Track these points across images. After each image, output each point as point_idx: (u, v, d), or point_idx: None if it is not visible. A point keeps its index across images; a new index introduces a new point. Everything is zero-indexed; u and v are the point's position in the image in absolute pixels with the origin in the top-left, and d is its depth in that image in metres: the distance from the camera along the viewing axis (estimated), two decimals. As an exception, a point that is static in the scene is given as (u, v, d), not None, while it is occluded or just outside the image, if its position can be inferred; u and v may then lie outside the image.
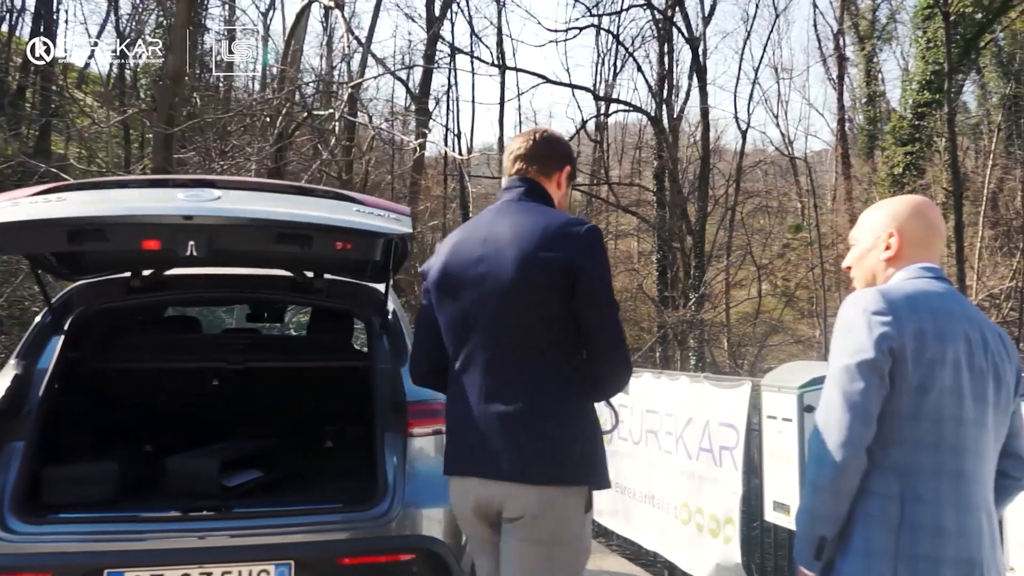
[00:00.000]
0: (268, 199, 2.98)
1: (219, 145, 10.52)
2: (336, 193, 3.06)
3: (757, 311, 25.32)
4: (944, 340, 1.79)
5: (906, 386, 1.77)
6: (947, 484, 1.77)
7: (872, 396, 1.76)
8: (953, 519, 1.76)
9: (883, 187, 22.57)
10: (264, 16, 17.69)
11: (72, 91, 20.47)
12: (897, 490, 1.77)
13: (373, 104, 20.16)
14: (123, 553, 2.79)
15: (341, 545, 2.92)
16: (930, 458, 1.78)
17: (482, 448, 2.22)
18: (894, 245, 1.98)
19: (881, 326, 1.78)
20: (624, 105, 24.10)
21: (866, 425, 1.76)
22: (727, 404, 4.31)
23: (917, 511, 1.76)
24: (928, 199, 2.11)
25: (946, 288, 1.90)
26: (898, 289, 1.86)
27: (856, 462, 1.77)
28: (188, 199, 2.67)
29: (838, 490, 1.78)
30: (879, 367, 1.76)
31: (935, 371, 1.78)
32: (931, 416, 1.78)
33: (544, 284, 2.16)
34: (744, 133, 25.98)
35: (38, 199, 2.66)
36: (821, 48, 30.61)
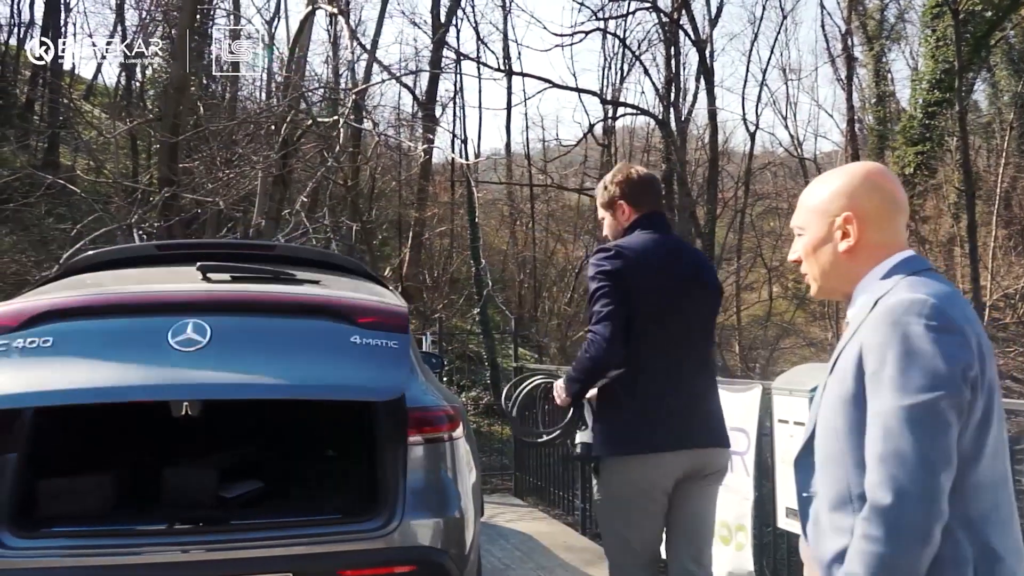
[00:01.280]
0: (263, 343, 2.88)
1: (224, 154, 10.49)
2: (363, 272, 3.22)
3: (768, 314, 25.17)
4: (987, 357, 1.44)
5: (973, 419, 1.41)
6: (1012, 527, 1.46)
7: (953, 440, 1.38)
8: (1021, 569, 1.45)
9: (894, 187, 22.40)
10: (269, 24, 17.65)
11: (79, 103, 20.56)
12: (970, 552, 1.40)
13: (380, 111, 20.20)
14: (118, 568, 2.73)
15: (341, 557, 2.84)
16: (993, 502, 1.43)
17: (695, 422, 2.90)
18: (853, 232, 1.59)
19: (956, 347, 1.39)
20: (631, 108, 24.01)
21: (948, 479, 1.37)
22: (738, 408, 4.22)
23: (996, 570, 1.41)
24: (879, 164, 1.77)
25: (952, 287, 1.54)
26: (937, 292, 1.45)
27: (940, 525, 1.36)
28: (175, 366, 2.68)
29: (919, 570, 1.36)
30: (962, 402, 1.38)
31: (993, 395, 1.44)
32: (991, 451, 1.43)
33: (717, 302, 3.19)
34: (753, 135, 25.88)
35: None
36: (829, 49, 30.39)
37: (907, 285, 1.50)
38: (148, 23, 16.58)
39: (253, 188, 10.45)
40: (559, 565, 5.44)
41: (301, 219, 10.65)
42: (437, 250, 21.81)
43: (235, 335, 2.81)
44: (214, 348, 2.72)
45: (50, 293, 3.04)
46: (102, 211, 11.10)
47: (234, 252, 3.51)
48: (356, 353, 2.83)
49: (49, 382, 2.65)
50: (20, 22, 22.65)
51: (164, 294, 2.89)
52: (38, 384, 2.66)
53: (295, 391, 2.81)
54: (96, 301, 2.87)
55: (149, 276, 3.27)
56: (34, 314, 2.77)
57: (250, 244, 3.70)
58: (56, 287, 3.19)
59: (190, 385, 2.71)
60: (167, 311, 2.79)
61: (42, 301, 2.86)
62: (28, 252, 14.54)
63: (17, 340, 2.71)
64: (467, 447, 3.33)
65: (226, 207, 10.39)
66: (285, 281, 3.13)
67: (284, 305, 2.93)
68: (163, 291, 2.90)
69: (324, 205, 12.78)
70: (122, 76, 21.26)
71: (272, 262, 3.49)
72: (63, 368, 2.69)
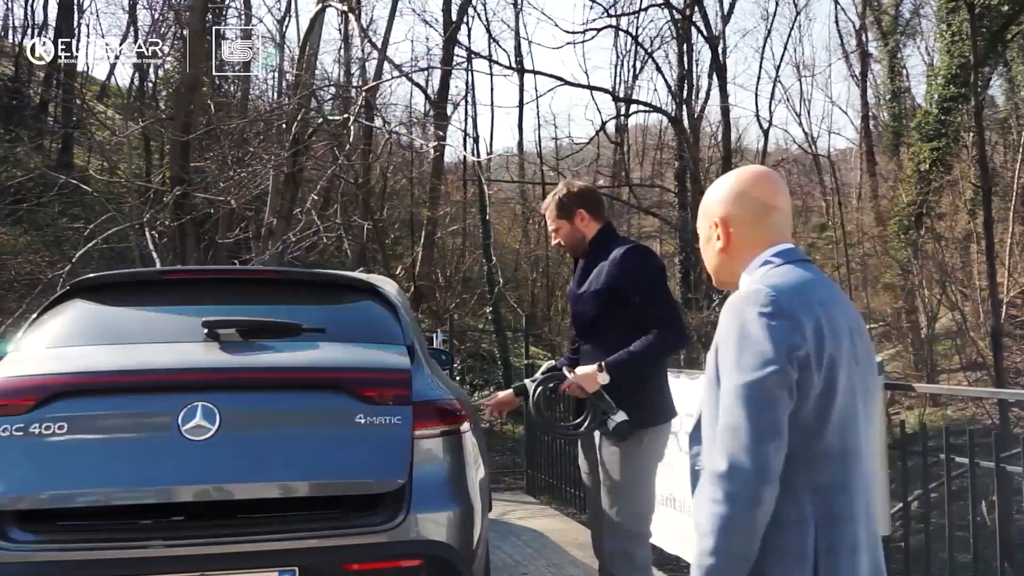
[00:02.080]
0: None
1: (236, 153, 10.50)
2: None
3: (782, 312, 25.01)
4: (837, 335, 1.60)
5: (812, 393, 1.56)
6: (858, 494, 1.61)
7: (784, 414, 1.54)
8: (865, 533, 1.61)
9: (909, 184, 22.22)
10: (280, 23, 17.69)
11: (93, 104, 20.67)
12: (810, 513, 1.56)
13: (391, 110, 20.20)
14: (124, 561, 2.71)
15: (346, 551, 2.82)
16: (839, 469, 1.59)
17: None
18: (724, 235, 1.78)
19: (783, 331, 1.55)
20: (644, 106, 23.94)
21: (778, 450, 1.53)
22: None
23: (834, 533, 1.57)
24: (760, 166, 1.89)
25: (817, 273, 1.71)
26: (784, 283, 1.63)
27: (764, 495, 1.52)
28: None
29: (755, 528, 1.52)
30: (787, 380, 1.54)
31: (837, 372, 1.58)
32: (836, 423, 1.58)
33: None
34: (766, 132, 25.78)
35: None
36: (843, 45, 30.27)
37: (759, 277, 1.69)
38: (160, 23, 16.64)
39: (265, 187, 10.46)
40: (570, 562, 5.40)
41: (312, 218, 10.65)
42: (449, 249, 21.81)
43: (243, 420, 2.84)
44: (223, 437, 2.76)
45: (60, 348, 3.00)
46: (115, 211, 11.14)
47: (237, 278, 3.45)
48: (360, 437, 2.88)
49: (68, 481, 2.72)
50: (34, 24, 22.83)
51: (175, 373, 2.85)
52: (57, 485, 2.72)
53: (302, 487, 2.87)
54: (109, 379, 2.84)
55: (154, 327, 3.16)
56: (50, 394, 2.75)
57: (253, 270, 3.65)
58: (63, 333, 3.11)
59: (199, 487, 2.77)
60: (177, 390, 2.80)
61: (57, 377, 2.81)
62: (42, 252, 14.65)
63: (34, 425, 2.70)
64: (474, 441, 3.29)
65: (238, 206, 10.40)
66: (291, 332, 3.08)
67: (291, 381, 2.95)
68: (173, 368, 2.87)
69: (336, 203, 12.79)
70: (135, 77, 21.38)
71: (277, 289, 3.44)
72: (79, 466, 2.73)
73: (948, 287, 19.43)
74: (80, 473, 2.73)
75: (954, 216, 22.03)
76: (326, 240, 11.49)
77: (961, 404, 18.40)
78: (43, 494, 2.71)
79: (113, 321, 3.20)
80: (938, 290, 19.52)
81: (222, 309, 3.20)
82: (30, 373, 2.84)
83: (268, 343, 3.06)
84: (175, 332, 3.08)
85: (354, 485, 2.88)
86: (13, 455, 2.70)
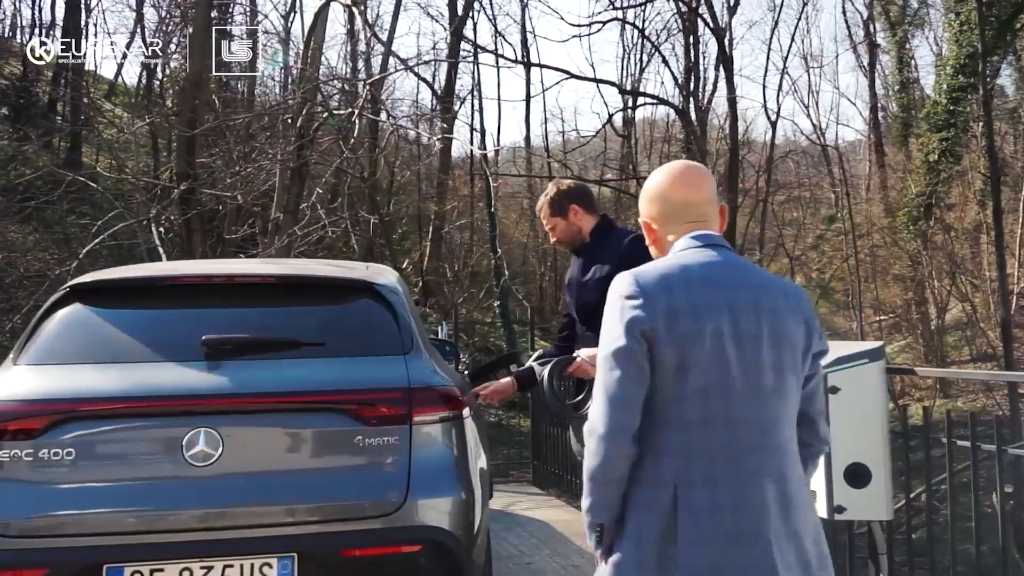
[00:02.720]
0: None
1: (241, 148, 10.53)
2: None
3: (791, 304, 24.92)
4: (700, 313, 1.74)
5: (666, 366, 1.73)
6: (721, 460, 1.73)
7: (630, 384, 1.73)
8: (729, 495, 1.72)
9: (918, 175, 22.13)
10: (285, 19, 17.78)
11: (101, 103, 20.75)
12: (670, 475, 1.73)
13: (397, 105, 20.20)
14: (123, 547, 2.73)
15: (345, 537, 2.83)
16: (700, 436, 1.74)
17: None
18: (648, 235, 2.01)
19: (632, 310, 1.75)
20: (650, 98, 23.89)
21: (627, 414, 1.73)
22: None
23: (690, 491, 1.71)
24: (675, 164, 2.04)
25: (716, 255, 1.84)
26: (653, 268, 1.83)
27: (619, 451, 1.74)
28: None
29: (607, 480, 1.77)
30: (633, 353, 1.73)
31: (693, 346, 1.73)
32: (697, 393, 1.73)
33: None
34: (774, 124, 25.66)
35: None
36: (851, 35, 30.16)
37: (663, 257, 1.91)
38: (167, 21, 16.69)
39: (272, 183, 10.49)
40: (575, 552, 5.41)
41: (318, 213, 10.66)
42: (457, 244, 21.83)
43: (245, 445, 2.88)
44: (225, 462, 2.81)
45: (65, 366, 2.99)
46: (123, 208, 11.19)
47: (235, 282, 3.41)
48: (361, 459, 2.91)
49: (74, 507, 2.76)
50: (41, 23, 22.92)
51: (179, 399, 2.87)
52: (64, 510, 2.76)
53: (303, 511, 2.89)
54: (116, 405, 2.86)
55: (154, 339, 3.11)
56: (60, 418, 2.78)
57: (248, 274, 3.59)
58: (67, 347, 3.07)
59: (203, 512, 2.80)
60: (182, 415, 2.85)
61: (67, 403, 2.83)
62: (51, 250, 14.72)
63: (43, 450, 2.75)
64: (474, 429, 3.30)
65: (245, 202, 10.43)
66: (288, 348, 3.07)
67: (291, 405, 2.97)
68: (177, 394, 2.88)
69: (343, 197, 12.79)
70: (143, 75, 21.46)
71: (274, 291, 3.39)
72: (85, 491, 2.77)
73: (958, 278, 19.37)
74: (86, 499, 2.76)
75: (963, 207, 21.94)
76: (333, 235, 11.49)
77: (972, 395, 18.35)
78: (50, 519, 2.75)
79: (113, 332, 3.14)
80: (948, 281, 19.46)
81: (220, 314, 3.19)
82: (39, 396, 2.85)
83: (267, 362, 3.03)
84: (175, 346, 3.04)
85: (353, 507, 2.89)
86: (22, 479, 2.75)
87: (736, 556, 1.69)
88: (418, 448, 2.94)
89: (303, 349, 3.07)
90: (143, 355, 3.01)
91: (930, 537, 4.08)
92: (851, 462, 3.39)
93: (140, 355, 3.01)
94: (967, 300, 19.42)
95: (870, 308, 24.06)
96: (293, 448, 2.96)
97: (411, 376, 2.99)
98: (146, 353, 3.02)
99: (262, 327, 3.15)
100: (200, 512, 2.79)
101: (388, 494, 2.89)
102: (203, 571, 2.73)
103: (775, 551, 1.70)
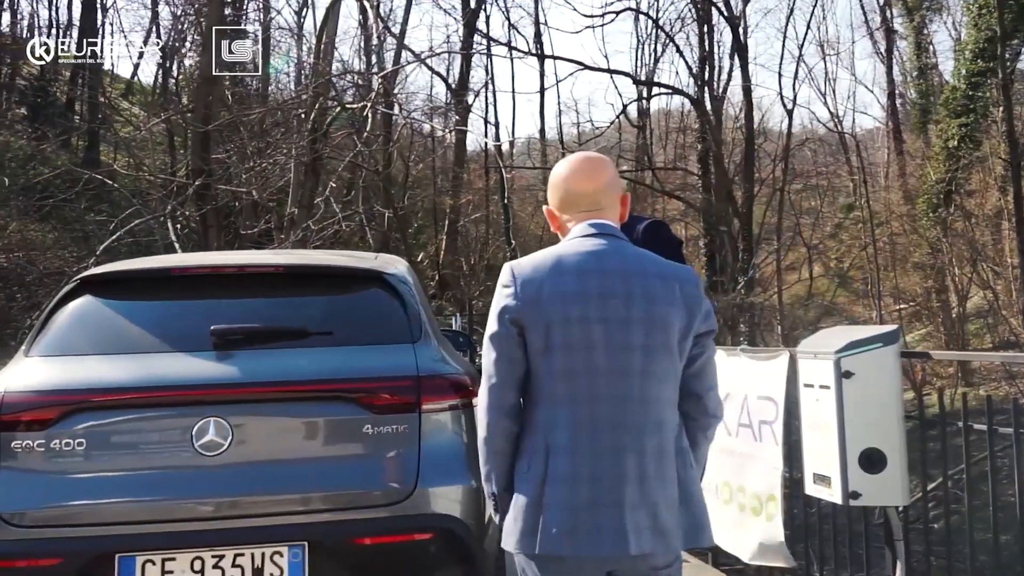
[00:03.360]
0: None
1: (256, 144, 10.57)
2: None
3: (809, 293, 24.79)
4: (567, 299, 1.89)
5: (535, 348, 1.90)
6: (584, 434, 1.88)
7: (503, 365, 1.92)
8: (588, 465, 1.87)
9: (938, 161, 21.88)
10: (298, 15, 17.81)
11: (118, 102, 20.89)
12: (542, 446, 1.89)
13: (411, 99, 20.20)
14: (134, 537, 2.74)
15: (355, 525, 2.83)
16: (566, 412, 1.89)
17: None
18: (551, 222, 2.15)
19: (504, 298, 1.93)
20: (665, 88, 23.78)
21: (501, 392, 1.93)
22: (765, 377, 4.13)
23: (556, 463, 1.87)
24: (575, 156, 2.16)
25: (602, 244, 1.97)
26: (529, 259, 1.99)
27: (498, 426, 1.93)
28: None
29: (491, 451, 1.96)
30: (502, 337, 1.92)
31: (559, 331, 1.88)
32: (562, 373, 1.89)
33: None
34: (790, 112, 25.46)
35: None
36: (868, 22, 29.82)
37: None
38: (181, 19, 16.78)
39: (287, 179, 10.52)
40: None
41: (333, 208, 10.69)
42: (473, 237, 21.83)
43: (254, 434, 2.89)
44: (235, 451, 2.82)
45: (76, 357, 3.00)
46: (140, 205, 11.27)
47: (244, 272, 3.40)
48: (370, 447, 2.91)
49: (85, 497, 2.78)
50: (59, 23, 23.10)
51: (189, 388, 2.87)
52: (75, 500, 2.78)
53: (313, 499, 2.89)
54: (126, 395, 2.88)
55: (163, 329, 3.13)
56: (71, 409, 2.80)
57: (257, 264, 3.57)
58: (78, 338, 3.09)
59: (214, 501, 2.81)
60: (191, 405, 2.85)
61: (78, 393, 2.85)
62: (70, 247, 14.86)
63: (54, 441, 2.77)
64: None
65: (260, 197, 10.48)
66: (297, 337, 3.07)
67: (299, 394, 2.97)
68: (187, 383, 2.88)
69: (357, 191, 12.82)
70: (159, 73, 21.59)
71: (283, 280, 3.35)
72: (96, 481, 2.79)
73: (979, 265, 19.14)
74: (98, 488, 2.78)
75: (984, 193, 21.64)
76: (347, 228, 11.52)
77: (994, 383, 18.14)
78: (62, 509, 2.77)
79: (123, 323, 3.15)
80: (969, 268, 19.23)
81: (228, 305, 3.19)
82: (52, 387, 2.87)
83: (275, 351, 3.04)
84: (184, 336, 3.05)
85: (363, 496, 2.88)
86: (34, 468, 2.77)
87: (591, 520, 1.85)
88: (427, 436, 2.93)
89: (312, 338, 3.06)
90: (153, 346, 3.02)
91: (947, 526, 4.02)
92: (866, 447, 3.35)
93: (150, 346, 3.02)
94: (988, 287, 19.18)
95: (889, 297, 23.86)
96: (302, 437, 2.96)
97: (420, 364, 2.98)
98: (156, 344, 3.03)
99: (271, 317, 3.15)
100: (210, 501, 2.80)
101: (397, 482, 2.88)
102: (214, 560, 2.74)
103: (627, 517, 1.85)
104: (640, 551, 1.86)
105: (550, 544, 1.85)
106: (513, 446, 1.96)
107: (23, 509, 2.74)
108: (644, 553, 1.87)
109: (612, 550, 1.85)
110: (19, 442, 2.77)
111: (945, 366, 18.45)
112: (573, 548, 1.85)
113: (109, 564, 2.69)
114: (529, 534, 1.87)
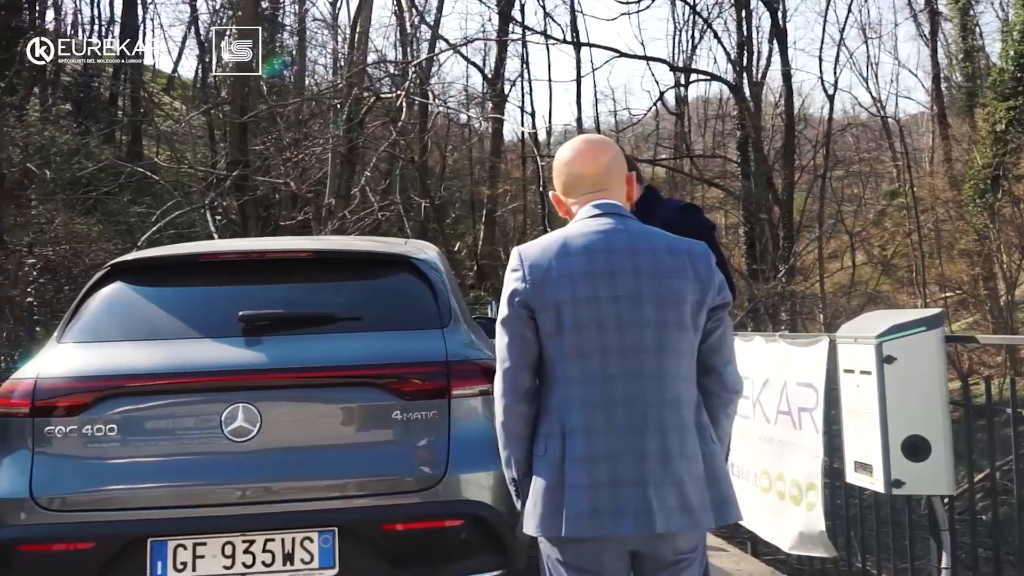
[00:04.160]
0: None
1: (293, 134, 10.64)
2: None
3: (852, 281, 24.37)
4: (574, 280, 1.88)
5: (546, 330, 1.90)
6: (598, 413, 1.86)
7: (515, 349, 1.92)
8: (604, 445, 1.85)
9: (984, 146, 21.36)
10: (333, 5, 17.89)
11: (159, 96, 21.19)
12: (558, 428, 1.88)
13: (448, 90, 20.20)
14: (166, 521, 2.76)
15: (386, 511, 2.81)
16: (580, 392, 1.88)
17: None
18: (556, 206, 2.14)
19: (513, 282, 1.93)
20: (702, 75, 23.49)
21: (515, 376, 1.92)
22: (805, 363, 4.04)
23: (572, 443, 1.86)
24: (576, 139, 2.14)
25: (611, 223, 1.95)
26: (537, 242, 1.98)
27: (514, 410, 1.93)
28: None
29: (508, 435, 1.96)
30: (513, 321, 1.92)
31: (569, 311, 1.87)
32: (574, 353, 1.88)
33: None
34: (831, 97, 25.03)
35: None
36: (911, 4, 29.13)
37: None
38: (220, 12, 16.94)
39: (325, 171, 10.58)
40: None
41: (370, 198, 10.72)
42: (511, 227, 21.80)
43: (283, 420, 2.89)
44: (264, 437, 2.82)
45: (108, 344, 3.01)
46: (181, 197, 11.41)
47: (273, 258, 3.39)
48: (399, 433, 2.89)
49: (117, 482, 2.80)
50: (101, 20, 23.47)
51: (218, 374, 2.88)
52: (106, 486, 2.80)
53: (342, 485, 2.88)
54: (157, 382, 2.89)
55: (193, 316, 3.12)
56: (104, 395, 2.83)
57: (285, 250, 3.55)
58: (110, 324, 3.10)
59: (244, 487, 2.82)
60: (221, 391, 2.86)
61: (110, 379, 2.88)
62: (115, 240, 15.11)
63: (87, 426, 2.80)
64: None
65: (298, 188, 10.55)
66: (326, 323, 3.06)
67: (328, 380, 2.95)
68: (217, 369, 2.89)
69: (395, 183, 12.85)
70: (199, 68, 21.84)
71: (312, 266, 3.35)
72: (127, 467, 2.81)
73: (1028, 251, 18.64)
74: (129, 474, 2.81)
75: (1034, 177, 21.10)
76: (383, 219, 11.55)
77: (1048, 373, 17.68)
78: (95, 494, 2.79)
79: (153, 309, 3.17)
80: (1017, 255, 18.73)
81: (257, 291, 3.19)
82: (84, 373, 2.89)
83: (304, 337, 3.04)
84: (213, 322, 3.05)
85: (393, 482, 2.87)
86: (68, 454, 2.80)
87: (612, 500, 1.83)
88: (457, 422, 2.91)
89: (340, 324, 3.05)
90: (182, 332, 3.03)
91: (995, 517, 3.91)
92: (909, 435, 3.26)
93: (179, 332, 3.03)
94: (1038, 274, 18.71)
95: (935, 284, 23.36)
96: (331, 423, 2.95)
97: (449, 350, 2.96)
98: (185, 330, 3.03)
99: (299, 302, 3.15)
100: (240, 486, 2.80)
101: (428, 468, 2.87)
102: (245, 545, 2.75)
103: (652, 495, 1.82)
104: (667, 529, 1.84)
105: (571, 526, 1.83)
106: (531, 430, 1.94)
107: (58, 494, 2.77)
108: (671, 532, 1.85)
109: (635, 529, 1.82)
110: (53, 427, 2.80)
111: (993, 355, 18.01)
112: (594, 528, 1.83)
113: (141, 548, 2.71)
114: (549, 516, 1.86)
